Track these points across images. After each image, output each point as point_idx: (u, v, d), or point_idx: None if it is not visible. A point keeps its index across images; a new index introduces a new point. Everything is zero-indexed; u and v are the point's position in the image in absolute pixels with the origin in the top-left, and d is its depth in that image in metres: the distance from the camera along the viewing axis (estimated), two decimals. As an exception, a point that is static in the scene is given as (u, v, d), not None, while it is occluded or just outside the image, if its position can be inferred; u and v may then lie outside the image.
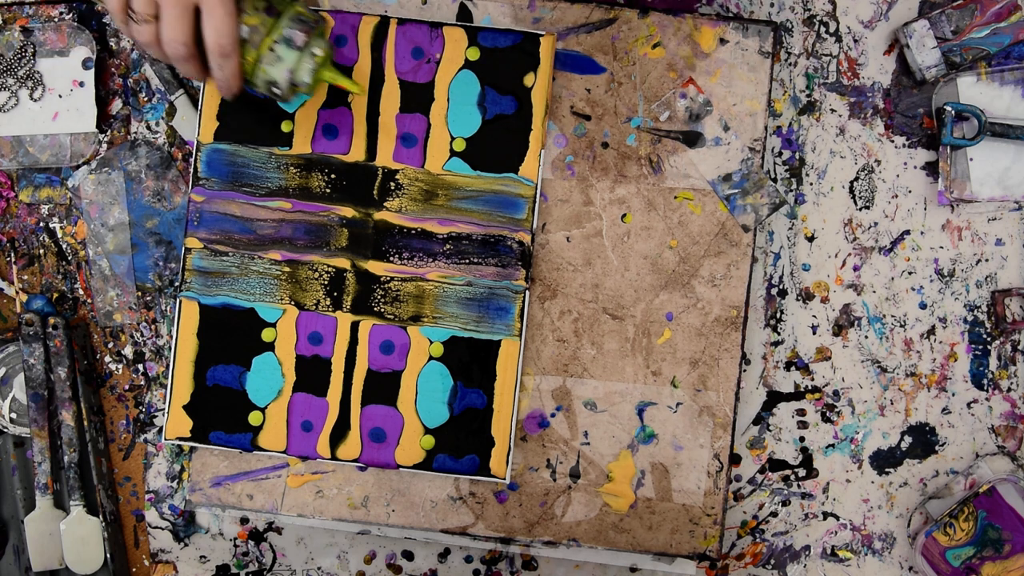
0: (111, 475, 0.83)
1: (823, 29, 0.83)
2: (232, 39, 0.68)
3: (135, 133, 0.83)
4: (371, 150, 0.80)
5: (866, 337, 0.83)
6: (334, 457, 0.80)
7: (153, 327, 0.83)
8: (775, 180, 0.83)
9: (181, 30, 0.67)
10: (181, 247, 0.82)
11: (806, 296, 0.83)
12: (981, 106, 0.81)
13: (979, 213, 0.82)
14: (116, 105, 0.83)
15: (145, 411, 0.83)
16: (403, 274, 0.80)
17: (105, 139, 0.83)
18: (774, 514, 0.83)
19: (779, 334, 0.83)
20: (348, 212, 0.80)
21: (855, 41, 0.83)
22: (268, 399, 0.80)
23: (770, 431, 0.83)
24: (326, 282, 0.80)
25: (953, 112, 0.80)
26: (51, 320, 0.80)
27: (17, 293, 0.83)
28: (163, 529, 0.83)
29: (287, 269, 0.80)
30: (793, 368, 0.83)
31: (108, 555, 0.81)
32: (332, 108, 0.80)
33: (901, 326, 0.83)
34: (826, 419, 0.83)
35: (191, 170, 0.80)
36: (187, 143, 0.83)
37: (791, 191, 0.83)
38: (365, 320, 0.80)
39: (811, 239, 0.83)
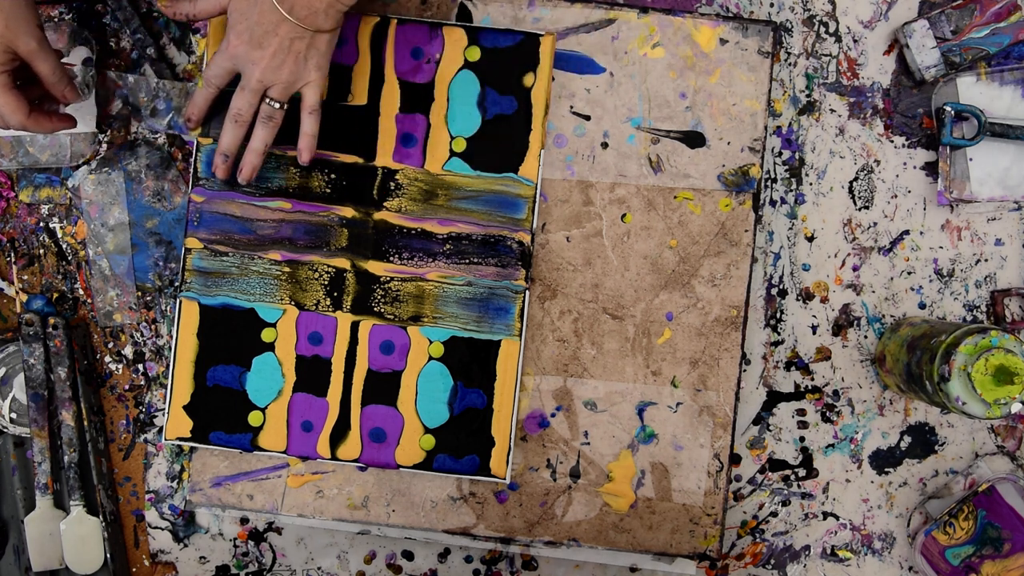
0: (111, 475, 0.83)
1: (823, 29, 0.83)
2: None
3: (135, 133, 0.83)
4: (371, 150, 0.80)
5: (865, 337, 0.83)
6: (334, 457, 0.80)
7: (153, 327, 0.83)
8: (774, 180, 0.83)
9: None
10: (181, 247, 0.82)
11: (806, 296, 0.83)
12: (981, 106, 0.81)
13: (979, 213, 0.82)
14: (116, 105, 0.83)
15: (145, 411, 0.83)
16: (403, 274, 0.80)
17: (105, 139, 0.83)
18: (774, 514, 0.83)
19: (779, 334, 0.83)
20: (348, 212, 0.80)
21: (855, 41, 0.83)
22: (268, 399, 0.80)
23: (770, 431, 0.83)
24: (326, 282, 0.80)
25: (953, 112, 0.80)
26: (51, 320, 0.80)
27: (17, 293, 0.83)
28: (163, 529, 0.83)
29: (287, 269, 0.80)
30: (793, 368, 0.83)
31: (108, 555, 0.81)
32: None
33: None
34: (826, 419, 0.83)
35: (191, 170, 0.80)
36: (187, 143, 0.83)
37: (791, 191, 0.83)
38: (365, 320, 0.80)
39: (811, 239, 0.83)
